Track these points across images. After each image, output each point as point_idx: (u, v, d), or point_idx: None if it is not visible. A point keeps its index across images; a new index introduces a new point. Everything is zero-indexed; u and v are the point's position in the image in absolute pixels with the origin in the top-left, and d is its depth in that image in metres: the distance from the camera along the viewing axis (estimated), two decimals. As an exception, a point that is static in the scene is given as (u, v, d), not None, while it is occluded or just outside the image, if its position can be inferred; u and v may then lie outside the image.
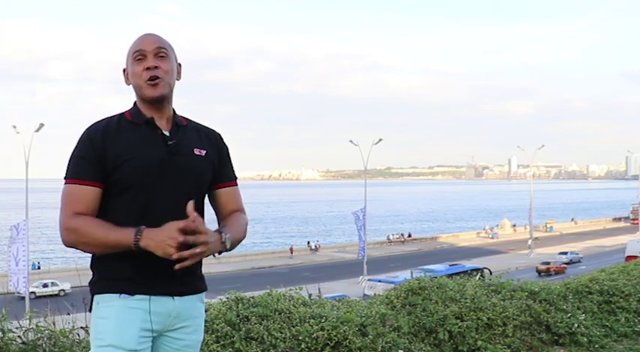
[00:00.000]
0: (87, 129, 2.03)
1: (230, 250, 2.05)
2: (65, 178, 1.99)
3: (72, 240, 1.93)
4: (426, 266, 27.22)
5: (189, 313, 2.05)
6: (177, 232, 1.82)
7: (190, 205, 1.88)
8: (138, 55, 2.03)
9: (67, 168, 2.00)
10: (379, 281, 23.52)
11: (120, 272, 1.95)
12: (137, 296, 1.94)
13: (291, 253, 50.83)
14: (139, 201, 1.96)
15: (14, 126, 28.04)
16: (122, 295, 1.94)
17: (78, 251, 2.00)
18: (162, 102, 2.06)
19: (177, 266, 1.86)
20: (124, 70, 2.10)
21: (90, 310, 2.02)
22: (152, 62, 2.01)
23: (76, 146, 2.01)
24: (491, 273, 28.99)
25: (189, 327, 2.06)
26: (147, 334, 1.95)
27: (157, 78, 2.01)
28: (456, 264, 28.79)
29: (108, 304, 1.94)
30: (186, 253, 1.84)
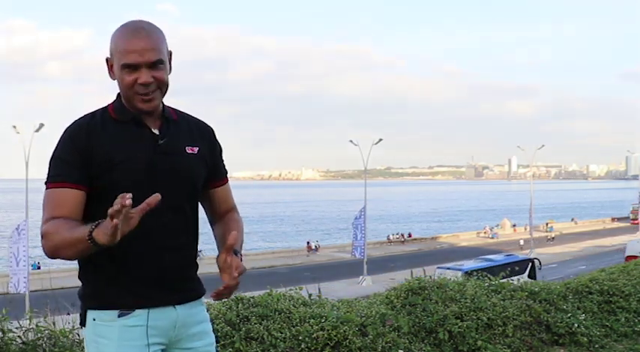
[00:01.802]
0: (68, 127, 1.86)
1: None
2: (46, 182, 1.82)
3: (47, 247, 1.74)
4: (486, 256, 32.40)
5: (194, 319, 1.95)
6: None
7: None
8: (128, 66, 1.79)
9: (48, 170, 1.83)
10: (448, 268, 26.96)
11: (114, 283, 1.82)
12: (136, 312, 1.82)
13: (309, 251, 50.83)
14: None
15: (14, 126, 27.97)
16: (121, 313, 1.81)
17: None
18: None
19: (214, 297, 1.86)
20: (108, 61, 1.88)
21: (82, 323, 1.90)
22: (146, 77, 1.79)
23: (57, 146, 1.84)
24: (540, 263, 32.11)
25: (199, 334, 1.96)
26: (155, 348, 1.84)
27: (152, 92, 1.82)
28: (511, 255, 33.95)
29: (107, 323, 1.82)
30: (226, 292, 1.83)
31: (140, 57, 1.78)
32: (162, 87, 1.86)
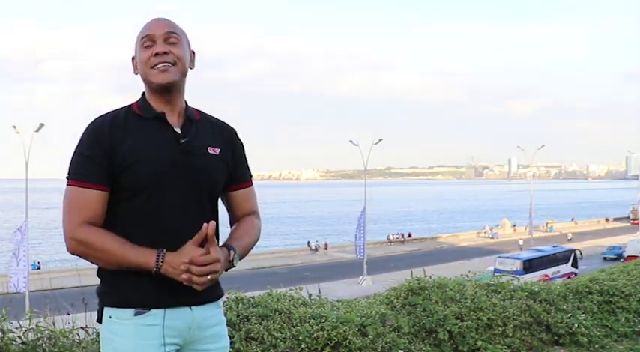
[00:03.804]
0: (92, 123, 1.87)
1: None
2: (68, 178, 1.83)
3: (81, 251, 1.80)
4: (537, 247, 36.84)
5: (209, 322, 1.94)
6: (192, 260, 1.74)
7: (205, 228, 1.79)
8: (146, 40, 1.87)
9: (71, 166, 1.84)
10: (507, 257, 32.66)
11: (132, 282, 1.82)
12: (153, 311, 1.82)
13: (325, 249, 51.48)
14: (149, 205, 1.82)
15: (14, 126, 27.98)
16: (137, 312, 1.82)
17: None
18: (172, 90, 1.89)
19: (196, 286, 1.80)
20: (133, 59, 1.94)
21: (99, 320, 1.90)
22: (162, 47, 1.86)
23: (80, 142, 1.84)
24: (581, 254, 37.28)
25: (213, 336, 1.95)
26: (170, 348, 1.84)
27: (167, 63, 1.85)
28: (557, 246, 38.87)
29: (123, 321, 1.82)
30: (197, 280, 1.76)
31: (157, 31, 1.88)
32: (179, 63, 1.88)
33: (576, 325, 5.39)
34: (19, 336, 3.34)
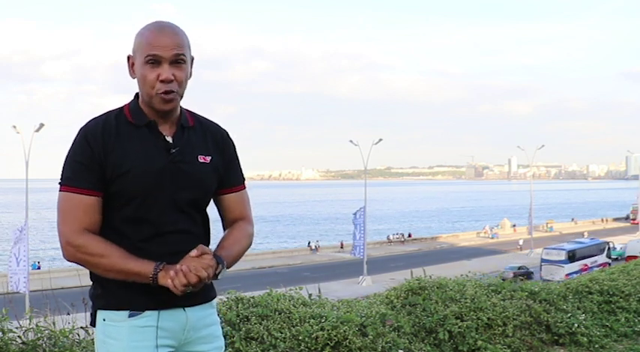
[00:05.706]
0: (83, 128, 1.85)
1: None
2: (62, 184, 1.82)
3: (79, 258, 1.80)
4: (577, 240, 40.06)
5: (203, 322, 1.94)
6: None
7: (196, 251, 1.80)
8: (151, 59, 1.80)
9: (64, 171, 1.83)
10: (553, 248, 35.64)
11: (125, 284, 1.81)
12: (146, 313, 1.83)
13: (341, 247, 51.98)
14: (139, 213, 1.83)
15: (14, 126, 27.98)
16: (131, 314, 1.82)
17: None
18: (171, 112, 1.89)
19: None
20: (129, 58, 1.88)
21: (92, 323, 1.91)
22: (168, 73, 1.80)
23: (73, 148, 1.83)
24: (614, 246, 40.81)
25: (207, 337, 1.95)
26: (164, 350, 1.84)
27: (172, 92, 1.82)
28: (594, 238, 42.59)
29: (116, 323, 1.82)
30: (178, 283, 1.74)
31: (164, 51, 1.80)
32: (181, 89, 1.86)
33: (576, 325, 5.39)
34: (19, 336, 3.34)
